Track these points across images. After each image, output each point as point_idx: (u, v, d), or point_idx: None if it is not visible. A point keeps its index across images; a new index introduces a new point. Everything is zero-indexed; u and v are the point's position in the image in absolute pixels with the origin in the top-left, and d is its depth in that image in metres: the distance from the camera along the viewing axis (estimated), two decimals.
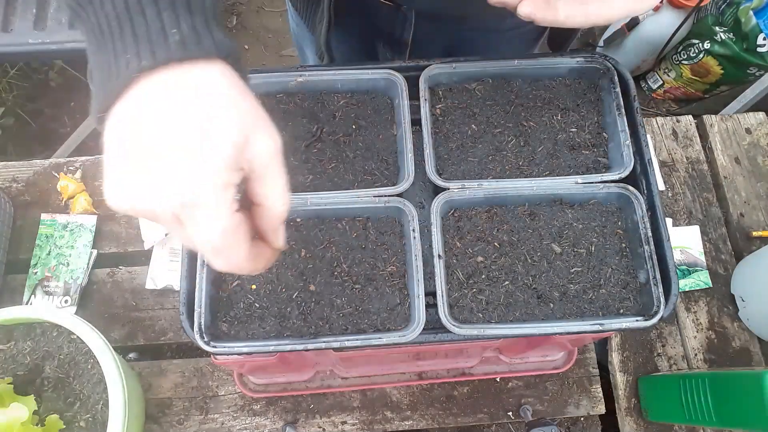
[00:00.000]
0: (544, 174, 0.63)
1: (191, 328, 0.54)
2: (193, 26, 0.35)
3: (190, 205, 0.33)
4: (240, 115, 0.35)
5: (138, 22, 0.34)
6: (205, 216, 0.33)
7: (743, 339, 0.96)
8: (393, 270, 0.59)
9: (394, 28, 0.78)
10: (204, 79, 0.34)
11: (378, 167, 0.63)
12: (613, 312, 0.58)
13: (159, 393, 0.91)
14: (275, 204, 0.37)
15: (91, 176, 1.02)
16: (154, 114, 0.33)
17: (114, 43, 0.34)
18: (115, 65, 0.34)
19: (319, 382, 0.90)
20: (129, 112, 0.34)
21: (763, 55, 1.66)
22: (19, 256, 0.97)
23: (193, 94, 0.34)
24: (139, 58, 0.33)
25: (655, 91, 2.03)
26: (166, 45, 0.34)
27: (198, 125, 0.33)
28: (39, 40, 1.19)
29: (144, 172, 0.33)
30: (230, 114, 0.34)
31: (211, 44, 0.35)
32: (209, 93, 0.34)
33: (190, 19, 0.35)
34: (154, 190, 0.33)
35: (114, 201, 0.35)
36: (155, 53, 0.33)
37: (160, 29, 0.34)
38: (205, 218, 0.33)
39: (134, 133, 0.33)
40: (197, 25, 0.35)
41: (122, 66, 0.34)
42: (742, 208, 1.04)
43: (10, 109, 1.77)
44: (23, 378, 0.73)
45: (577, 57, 0.65)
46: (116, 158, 0.34)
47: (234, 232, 0.35)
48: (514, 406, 0.91)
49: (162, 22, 0.34)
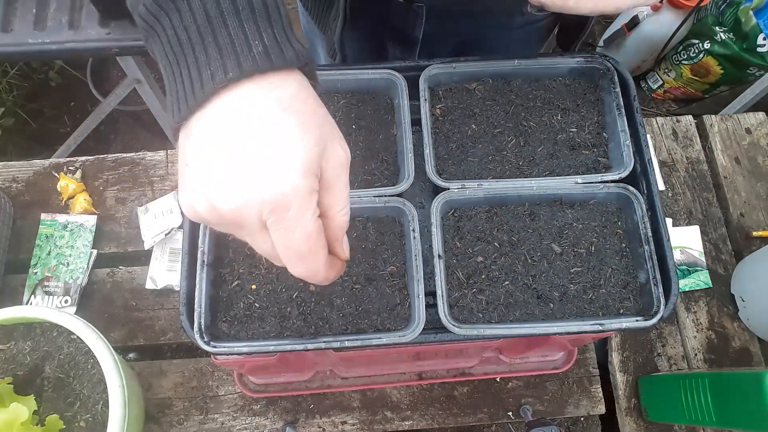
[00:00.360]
0: (544, 174, 0.63)
1: (191, 328, 0.54)
2: (274, 36, 0.35)
3: (279, 208, 0.33)
4: (319, 124, 0.36)
5: (221, 33, 0.34)
6: (294, 220, 0.34)
7: (743, 339, 0.96)
8: (393, 270, 0.59)
9: (405, 25, 0.79)
10: (286, 89, 0.35)
11: (378, 167, 0.63)
12: (613, 312, 0.58)
13: (159, 393, 0.91)
14: (340, 214, 0.38)
15: (91, 176, 1.02)
16: (242, 123, 0.34)
17: (196, 54, 0.35)
18: (198, 77, 0.34)
19: (319, 382, 0.90)
20: (215, 121, 0.34)
21: (763, 55, 1.66)
22: (19, 256, 0.97)
23: (277, 105, 0.34)
24: (225, 70, 0.34)
25: (655, 91, 2.03)
26: (251, 56, 0.34)
27: (284, 133, 0.34)
28: (39, 40, 1.19)
29: (233, 177, 0.33)
30: (312, 122, 0.35)
31: (292, 54, 0.36)
32: (292, 103, 0.35)
33: (270, 29, 0.35)
34: (244, 193, 0.33)
35: (195, 205, 0.35)
36: (241, 65, 0.34)
37: (244, 41, 0.34)
38: (293, 222, 0.34)
39: (223, 141, 0.34)
40: (278, 36, 0.36)
41: (206, 78, 0.34)
42: (742, 208, 1.04)
43: (10, 109, 1.77)
44: (23, 378, 0.73)
45: (577, 57, 0.65)
46: (201, 165, 0.34)
47: (317, 237, 0.36)
48: (514, 406, 0.91)
49: (245, 33, 0.34)
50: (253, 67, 0.34)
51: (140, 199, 1.01)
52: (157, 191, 1.02)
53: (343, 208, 0.38)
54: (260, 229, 0.35)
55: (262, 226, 0.35)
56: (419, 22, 0.77)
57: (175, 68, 0.35)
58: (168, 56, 0.36)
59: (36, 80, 1.90)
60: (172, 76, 0.36)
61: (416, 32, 0.79)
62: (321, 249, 0.37)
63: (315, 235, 0.35)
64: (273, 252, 0.36)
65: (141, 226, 0.98)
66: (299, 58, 0.36)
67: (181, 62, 0.35)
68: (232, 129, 0.34)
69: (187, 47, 0.35)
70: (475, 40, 0.82)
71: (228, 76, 0.34)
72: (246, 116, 0.34)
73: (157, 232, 0.97)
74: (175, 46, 0.35)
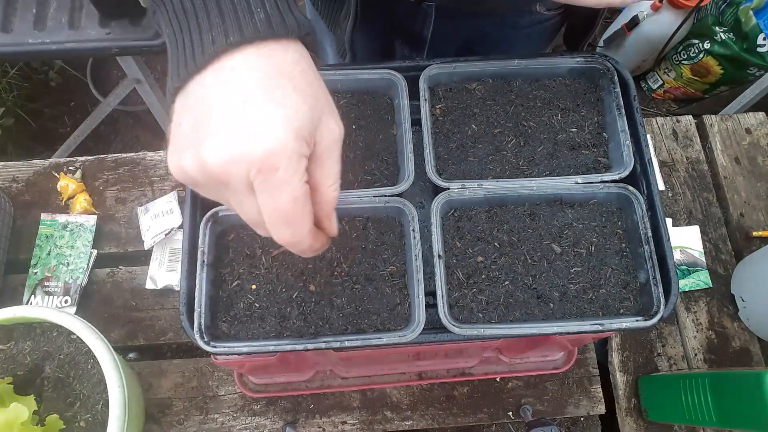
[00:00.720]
0: (544, 174, 0.63)
1: (191, 328, 0.54)
2: (276, 5, 0.36)
3: (267, 167, 0.34)
4: (315, 94, 0.36)
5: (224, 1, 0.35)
6: (281, 181, 0.34)
7: (743, 339, 0.96)
8: (393, 270, 0.59)
9: (414, 24, 0.79)
10: (286, 56, 0.36)
11: (378, 167, 0.63)
12: (613, 312, 0.58)
13: (159, 393, 0.91)
14: (330, 189, 0.38)
15: (91, 176, 1.02)
16: (239, 85, 0.34)
17: (198, 21, 0.35)
18: (200, 41, 0.35)
19: (319, 382, 0.90)
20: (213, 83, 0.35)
21: (763, 55, 1.66)
22: (19, 256, 0.97)
23: (275, 71, 0.35)
24: (225, 34, 0.35)
25: (655, 91, 2.03)
26: (252, 23, 0.35)
27: (280, 97, 0.34)
28: (39, 40, 1.19)
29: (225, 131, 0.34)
30: (308, 91, 0.36)
31: (294, 23, 0.36)
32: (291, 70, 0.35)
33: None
34: (234, 146, 0.33)
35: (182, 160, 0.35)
36: (242, 31, 0.35)
37: (246, 8, 0.35)
38: (280, 183, 0.34)
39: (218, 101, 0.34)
40: (279, 5, 0.36)
41: (207, 42, 0.35)
42: (742, 208, 1.04)
43: (10, 109, 1.77)
44: (23, 378, 0.73)
45: (577, 57, 0.65)
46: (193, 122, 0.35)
47: (304, 202, 0.36)
48: (514, 406, 0.91)
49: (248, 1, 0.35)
50: (254, 33, 0.35)
51: (140, 199, 1.01)
52: (157, 191, 1.02)
53: (333, 183, 0.39)
54: (246, 189, 0.35)
55: (249, 186, 0.35)
56: (428, 21, 0.77)
57: (179, 35, 0.36)
58: (172, 24, 0.37)
59: (36, 80, 1.90)
60: (175, 43, 0.36)
61: (425, 32, 0.79)
62: (307, 215, 0.37)
63: (302, 199, 0.36)
64: (258, 217, 0.36)
65: (141, 226, 0.98)
66: (300, 28, 0.37)
67: (184, 29, 0.36)
68: (229, 90, 0.34)
69: (190, 14, 0.36)
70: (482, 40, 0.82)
71: (228, 41, 0.34)
72: (244, 78, 0.34)
73: (157, 232, 0.97)
74: (179, 13, 0.36)
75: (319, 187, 0.38)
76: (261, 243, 0.60)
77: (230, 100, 0.34)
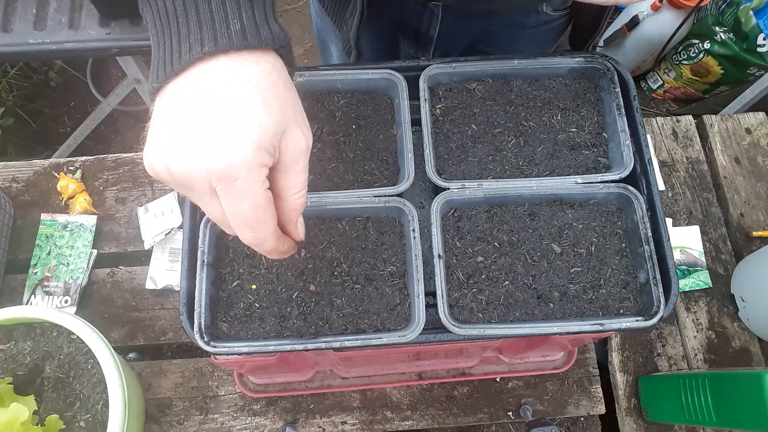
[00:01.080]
0: (544, 174, 0.63)
1: (191, 328, 0.54)
2: (253, 17, 0.37)
3: (227, 177, 0.35)
4: (283, 106, 0.38)
5: (203, 9, 0.37)
6: (241, 190, 0.36)
7: (743, 339, 0.96)
8: (393, 270, 0.59)
9: (421, 24, 0.79)
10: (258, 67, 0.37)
11: (378, 167, 0.63)
12: (613, 312, 0.58)
13: (159, 393, 0.91)
14: (294, 197, 0.40)
15: (91, 176, 1.02)
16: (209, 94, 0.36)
17: (179, 26, 0.37)
18: (178, 47, 0.37)
19: (319, 382, 0.90)
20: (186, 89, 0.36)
21: (763, 55, 1.66)
22: (19, 256, 0.97)
23: (245, 82, 0.36)
24: (201, 43, 0.36)
25: (655, 91, 2.03)
26: (228, 34, 0.36)
27: (245, 108, 0.36)
28: (39, 40, 1.19)
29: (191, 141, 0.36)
30: (275, 103, 0.37)
31: (269, 35, 0.38)
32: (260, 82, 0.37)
33: (251, 9, 0.38)
34: (196, 157, 0.35)
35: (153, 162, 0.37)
36: (217, 41, 0.36)
37: (223, 18, 0.37)
38: (241, 192, 0.36)
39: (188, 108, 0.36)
40: (257, 16, 0.38)
41: (184, 49, 0.36)
42: (742, 208, 1.04)
43: (10, 109, 1.77)
44: (23, 378, 0.73)
45: (577, 57, 0.65)
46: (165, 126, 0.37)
47: (265, 209, 0.37)
48: (514, 406, 0.91)
49: (225, 11, 0.37)
50: (228, 44, 0.36)
51: (140, 199, 1.01)
52: (157, 191, 1.02)
53: (298, 191, 0.40)
54: (209, 194, 0.37)
55: (212, 191, 0.36)
56: (435, 21, 0.77)
57: (161, 37, 0.38)
58: (156, 25, 0.38)
59: (36, 80, 1.90)
60: (157, 44, 0.38)
61: (431, 31, 0.79)
62: (270, 220, 0.38)
63: (263, 206, 0.37)
64: (222, 218, 0.38)
65: (141, 226, 0.98)
66: (275, 40, 0.38)
67: (166, 32, 0.37)
68: (199, 98, 0.36)
69: (172, 18, 0.37)
70: (489, 40, 0.82)
71: (204, 50, 0.36)
72: (214, 88, 0.36)
73: (157, 232, 0.97)
74: (163, 16, 0.38)
75: (283, 194, 0.40)
76: None
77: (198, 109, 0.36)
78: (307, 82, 0.65)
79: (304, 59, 2.10)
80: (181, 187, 0.38)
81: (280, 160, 0.38)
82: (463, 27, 0.79)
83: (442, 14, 0.76)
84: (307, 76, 0.64)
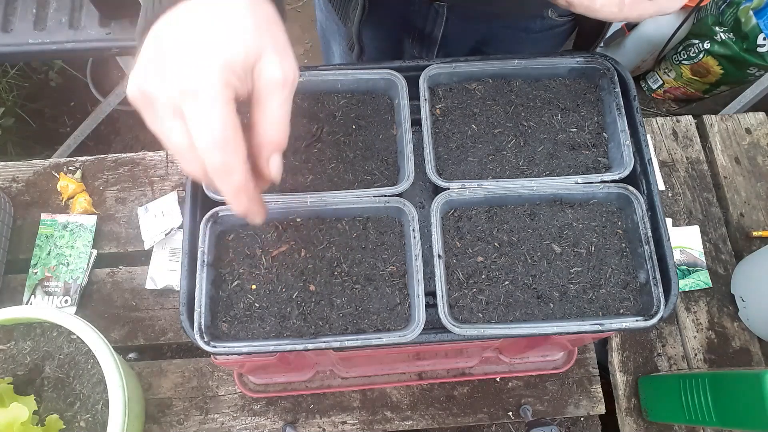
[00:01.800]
0: (544, 174, 0.63)
1: (191, 328, 0.54)
2: None
3: (189, 92, 0.36)
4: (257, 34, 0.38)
5: None
6: (205, 104, 0.36)
7: (743, 339, 0.96)
8: (393, 270, 0.59)
9: (426, 24, 0.79)
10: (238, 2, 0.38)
11: (378, 167, 0.63)
12: (613, 312, 0.58)
13: (159, 393, 0.91)
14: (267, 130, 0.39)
15: (91, 176, 1.02)
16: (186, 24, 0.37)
17: None
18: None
19: (319, 382, 0.90)
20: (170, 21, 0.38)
21: (763, 55, 1.66)
22: (19, 256, 0.97)
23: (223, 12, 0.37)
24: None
25: (655, 91, 2.03)
26: None
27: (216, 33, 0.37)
28: (39, 40, 1.19)
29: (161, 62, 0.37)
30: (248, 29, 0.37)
31: None
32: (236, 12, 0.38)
33: None
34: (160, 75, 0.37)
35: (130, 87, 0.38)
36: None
37: None
38: (205, 106, 0.36)
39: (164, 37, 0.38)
40: None
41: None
42: (742, 208, 1.04)
43: (10, 109, 1.77)
44: (23, 378, 0.73)
45: (577, 57, 0.65)
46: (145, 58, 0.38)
47: (233, 129, 0.37)
48: (514, 406, 0.91)
49: None
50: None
51: (140, 199, 1.01)
52: (157, 191, 1.02)
53: (272, 126, 0.39)
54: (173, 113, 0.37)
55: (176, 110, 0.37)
56: (440, 22, 0.77)
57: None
58: None
59: (36, 80, 1.90)
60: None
61: (436, 32, 0.79)
62: (239, 142, 0.37)
63: (231, 125, 0.36)
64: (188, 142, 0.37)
65: (141, 226, 0.98)
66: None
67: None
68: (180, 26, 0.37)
69: None
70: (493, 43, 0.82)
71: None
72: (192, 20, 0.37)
73: (157, 232, 0.97)
74: None
75: (256, 126, 0.39)
76: (261, 243, 0.60)
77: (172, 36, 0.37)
78: (307, 82, 0.65)
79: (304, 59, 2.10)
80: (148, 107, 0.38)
81: (254, 88, 0.38)
82: (468, 29, 0.79)
83: (447, 15, 0.76)
84: (307, 76, 0.64)
